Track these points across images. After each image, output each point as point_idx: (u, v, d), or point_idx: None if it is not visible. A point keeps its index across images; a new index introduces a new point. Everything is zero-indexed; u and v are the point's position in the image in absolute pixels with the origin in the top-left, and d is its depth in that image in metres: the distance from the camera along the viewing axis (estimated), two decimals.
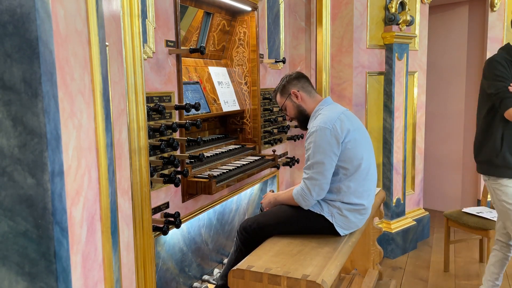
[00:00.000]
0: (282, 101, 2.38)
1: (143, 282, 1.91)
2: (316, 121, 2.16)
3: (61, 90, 1.00)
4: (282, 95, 2.37)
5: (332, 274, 1.79)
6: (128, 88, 1.75)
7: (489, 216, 3.19)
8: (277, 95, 2.42)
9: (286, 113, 2.41)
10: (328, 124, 2.10)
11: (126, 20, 1.73)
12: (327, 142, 2.08)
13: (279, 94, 2.39)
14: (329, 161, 2.08)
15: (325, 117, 2.15)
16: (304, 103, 2.32)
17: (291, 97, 2.33)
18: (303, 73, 2.42)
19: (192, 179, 2.31)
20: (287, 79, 2.37)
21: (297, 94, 2.32)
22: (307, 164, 2.13)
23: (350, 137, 2.11)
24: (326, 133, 2.08)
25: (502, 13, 4.40)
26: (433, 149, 4.87)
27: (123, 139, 1.58)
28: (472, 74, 4.64)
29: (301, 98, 2.32)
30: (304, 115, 2.34)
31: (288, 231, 2.21)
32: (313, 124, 2.17)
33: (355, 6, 3.44)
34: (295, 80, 2.35)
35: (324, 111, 2.23)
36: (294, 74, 2.38)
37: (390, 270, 3.54)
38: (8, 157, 0.93)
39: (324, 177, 2.08)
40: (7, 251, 0.96)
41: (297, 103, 2.33)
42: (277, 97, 2.42)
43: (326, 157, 2.07)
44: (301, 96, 2.32)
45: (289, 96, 2.34)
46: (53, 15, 0.95)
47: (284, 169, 3.53)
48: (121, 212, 1.55)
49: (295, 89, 2.32)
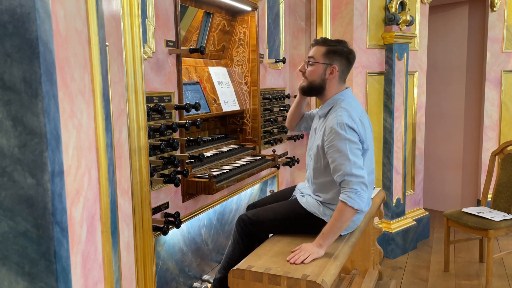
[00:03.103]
0: (318, 58, 2.10)
1: (143, 282, 1.91)
2: (341, 116, 2.00)
3: (61, 90, 1.00)
4: (325, 55, 2.09)
5: (332, 274, 1.79)
6: (128, 88, 1.75)
7: (489, 216, 3.19)
8: (319, 48, 2.11)
9: (306, 68, 2.15)
10: (356, 126, 2.01)
11: (126, 20, 1.74)
12: (356, 139, 2.00)
13: (325, 51, 2.10)
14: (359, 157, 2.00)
15: (350, 116, 2.02)
16: (330, 83, 2.12)
17: (328, 67, 2.10)
18: (355, 59, 2.19)
19: (192, 179, 2.31)
20: (341, 52, 2.10)
21: (333, 72, 2.10)
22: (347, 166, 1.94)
23: (366, 145, 2.08)
24: (353, 132, 2.00)
25: (502, 13, 4.40)
26: (433, 149, 4.87)
27: (123, 139, 1.58)
28: (472, 74, 4.64)
29: (332, 77, 2.12)
30: (318, 89, 2.14)
31: (286, 229, 2.20)
32: (337, 118, 2.00)
33: (355, 6, 3.44)
34: (346, 61, 2.12)
35: (346, 105, 2.07)
36: (351, 55, 2.13)
37: (390, 270, 3.54)
38: (8, 157, 0.93)
39: (364, 171, 1.98)
40: (7, 251, 0.96)
41: (325, 76, 2.11)
42: (317, 50, 2.11)
43: (360, 153, 2.00)
44: (334, 76, 2.11)
45: (327, 65, 2.10)
46: (53, 15, 0.95)
47: (284, 169, 3.53)
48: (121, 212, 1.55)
49: (337, 66, 2.10)
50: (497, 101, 4.53)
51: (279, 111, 3.37)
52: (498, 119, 4.56)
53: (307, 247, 1.95)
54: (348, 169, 1.94)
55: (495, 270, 3.43)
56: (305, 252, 1.92)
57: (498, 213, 3.28)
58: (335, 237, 1.99)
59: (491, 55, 4.44)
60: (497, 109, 4.54)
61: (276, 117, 3.29)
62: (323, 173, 2.13)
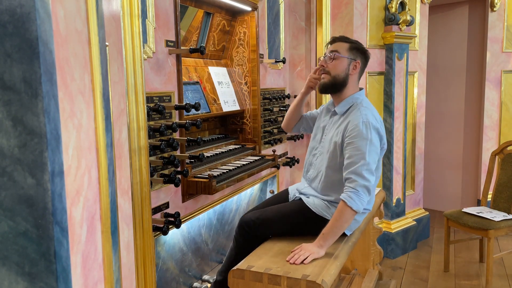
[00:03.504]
0: (343, 52, 2.13)
1: (143, 282, 1.91)
2: (366, 115, 2.04)
3: (61, 90, 1.00)
4: (349, 50, 2.13)
5: (332, 274, 1.79)
6: (128, 88, 1.75)
7: (489, 216, 3.19)
8: (341, 44, 2.15)
9: (329, 62, 2.13)
10: (380, 127, 2.06)
11: (126, 20, 1.74)
12: (377, 143, 2.04)
13: (348, 46, 2.14)
14: (375, 162, 2.03)
15: (374, 116, 2.08)
16: (351, 79, 2.14)
17: (352, 62, 2.13)
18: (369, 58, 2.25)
19: (192, 179, 2.31)
20: (362, 50, 2.17)
21: (356, 67, 2.14)
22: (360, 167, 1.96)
23: (384, 143, 2.12)
24: (377, 134, 2.03)
25: (502, 13, 4.40)
26: (433, 149, 4.87)
27: (123, 139, 1.58)
28: (472, 74, 4.65)
29: (355, 73, 2.15)
30: (340, 84, 2.13)
31: (292, 231, 2.17)
32: (362, 116, 2.03)
33: (355, 6, 3.44)
34: (365, 59, 2.18)
35: (368, 105, 2.13)
36: (368, 54, 2.20)
37: (390, 270, 3.54)
38: (8, 157, 0.93)
39: (373, 177, 2.00)
40: (7, 251, 0.96)
41: (348, 71, 2.13)
42: (340, 46, 2.14)
43: (376, 158, 2.04)
44: (356, 72, 2.15)
45: (351, 60, 2.13)
46: (53, 15, 0.95)
47: (284, 169, 3.53)
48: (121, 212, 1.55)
49: (360, 62, 2.15)
50: (497, 101, 4.53)
51: (279, 111, 3.37)
52: (498, 119, 4.56)
53: (307, 247, 1.95)
54: (359, 169, 1.95)
55: (495, 270, 3.43)
56: (305, 252, 1.91)
57: (498, 213, 3.28)
58: (335, 237, 1.99)
59: (491, 55, 4.44)
60: (497, 109, 4.54)
61: (276, 117, 3.29)
62: (338, 170, 2.10)
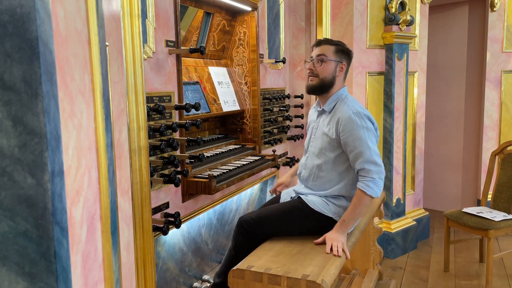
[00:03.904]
0: (330, 55, 2.21)
1: (143, 282, 1.91)
2: (354, 107, 2.13)
3: (61, 90, 1.00)
4: (335, 53, 2.21)
5: (332, 274, 1.79)
6: (128, 88, 1.75)
7: (489, 216, 3.19)
8: (328, 47, 2.22)
9: (318, 66, 2.21)
10: (369, 115, 2.16)
11: (126, 20, 1.74)
12: (372, 128, 2.14)
13: (334, 49, 2.22)
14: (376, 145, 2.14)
15: (361, 107, 2.17)
16: (337, 79, 2.23)
17: (338, 64, 2.22)
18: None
19: (192, 179, 2.31)
20: (347, 51, 2.25)
21: (342, 68, 2.24)
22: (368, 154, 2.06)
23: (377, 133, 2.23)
24: (369, 121, 2.13)
25: (502, 13, 4.40)
26: (433, 149, 4.87)
27: (123, 139, 1.58)
28: (472, 74, 4.64)
29: (341, 74, 2.25)
30: (328, 86, 2.22)
31: (291, 229, 2.19)
32: (350, 108, 2.12)
33: (355, 6, 3.44)
34: (349, 59, 2.28)
35: (352, 99, 2.23)
36: (351, 54, 2.29)
37: (390, 270, 3.54)
38: (8, 157, 0.93)
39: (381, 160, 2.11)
40: (7, 251, 0.96)
41: (335, 73, 2.22)
42: (327, 49, 2.22)
43: (376, 143, 2.15)
44: (342, 73, 2.26)
45: (338, 62, 2.22)
46: (53, 15, 0.95)
47: (284, 169, 3.53)
48: (121, 212, 1.55)
49: (345, 63, 2.24)
50: (497, 101, 4.53)
51: (279, 111, 3.37)
52: (498, 119, 4.56)
53: (335, 237, 2.04)
54: (368, 156, 2.05)
55: (495, 270, 3.43)
56: (337, 242, 2.01)
57: (498, 213, 3.28)
58: (355, 223, 2.17)
59: (491, 55, 4.44)
60: (497, 109, 4.54)
61: (276, 117, 3.29)
62: (330, 166, 2.19)
